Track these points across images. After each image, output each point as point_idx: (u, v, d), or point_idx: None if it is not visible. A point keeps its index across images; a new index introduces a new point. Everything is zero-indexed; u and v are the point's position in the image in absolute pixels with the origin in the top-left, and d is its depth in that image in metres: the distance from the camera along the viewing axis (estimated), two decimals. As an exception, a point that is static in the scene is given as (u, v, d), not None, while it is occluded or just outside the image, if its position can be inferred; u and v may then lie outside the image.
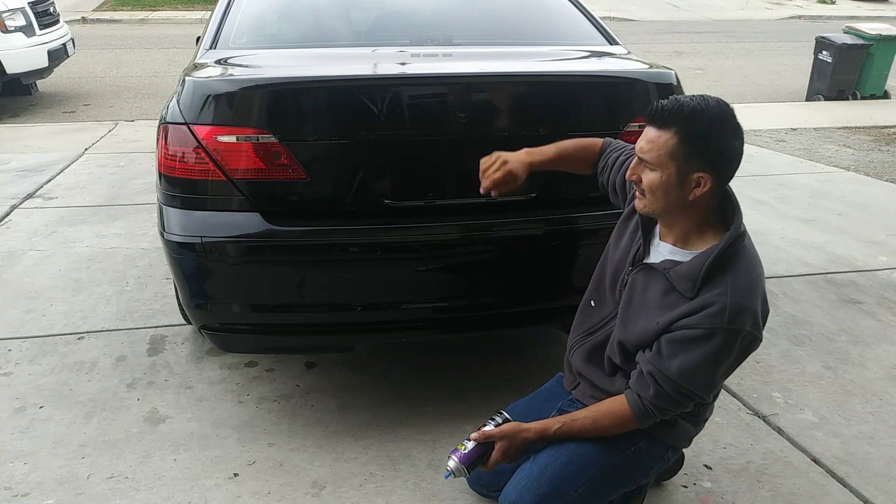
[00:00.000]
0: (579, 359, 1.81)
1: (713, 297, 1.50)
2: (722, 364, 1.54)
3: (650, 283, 1.62)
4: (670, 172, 1.52)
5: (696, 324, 1.51)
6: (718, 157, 1.51)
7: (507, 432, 1.64)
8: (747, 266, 1.55)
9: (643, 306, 1.62)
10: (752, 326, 1.51)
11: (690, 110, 1.48)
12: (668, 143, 1.50)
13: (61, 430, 2.28)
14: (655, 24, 15.86)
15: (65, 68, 8.37)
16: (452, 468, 1.66)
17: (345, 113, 2.06)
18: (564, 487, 1.62)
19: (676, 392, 1.55)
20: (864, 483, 2.10)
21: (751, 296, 1.52)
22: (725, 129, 1.50)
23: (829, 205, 4.65)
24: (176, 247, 2.07)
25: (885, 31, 8.11)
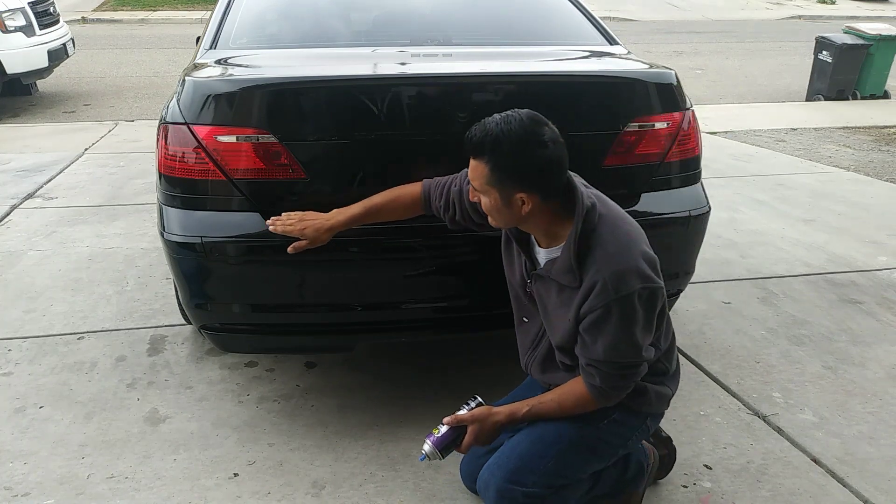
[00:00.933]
0: (537, 372, 1.87)
1: (592, 278, 1.57)
2: (634, 326, 1.58)
3: (547, 288, 1.70)
4: (495, 197, 1.60)
5: (592, 307, 1.57)
6: (531, 177, 1.57)
7: (478, 416, 1.71)
8: (610, 231, 1.60)
9: (554, 310, 1.70)
10: (641, 282, 1.56)
11: (493, 139, 1.54)
12: (484, 173, 1.58)
13: (61, 430, 2.28)
14: (655, 24, 15.86)
15: (65, 68, 8.37)
16: (427, 451, 1.72)
17: (345, 113, 2.06)
18: (533, 462, 1.67)
19: (615, 369, 1.62)
20: (864, 483, 2.10)
21: (624, 258, 1.57)
22: (530, 147, 1.55)
23: (829, 205, 4.65)
24: (176, 247, 2.07)
25: (885, 31, 8.11)
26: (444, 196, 1.91)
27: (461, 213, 1.89)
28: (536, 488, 1.65)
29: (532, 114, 1.58)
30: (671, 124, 2.24)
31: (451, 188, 1.90)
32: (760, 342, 2.90)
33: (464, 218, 1.90)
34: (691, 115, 2.32)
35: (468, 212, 1.88)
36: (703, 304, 3.21)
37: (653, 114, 2.22)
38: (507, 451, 1.71)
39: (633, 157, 2.22)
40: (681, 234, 2.33)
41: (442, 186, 1.92)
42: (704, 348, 2.84)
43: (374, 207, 1.94)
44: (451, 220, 1.93)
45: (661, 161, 2.26)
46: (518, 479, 1.65)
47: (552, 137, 1.57)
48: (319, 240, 1.93)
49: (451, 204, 1.90)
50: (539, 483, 1.66)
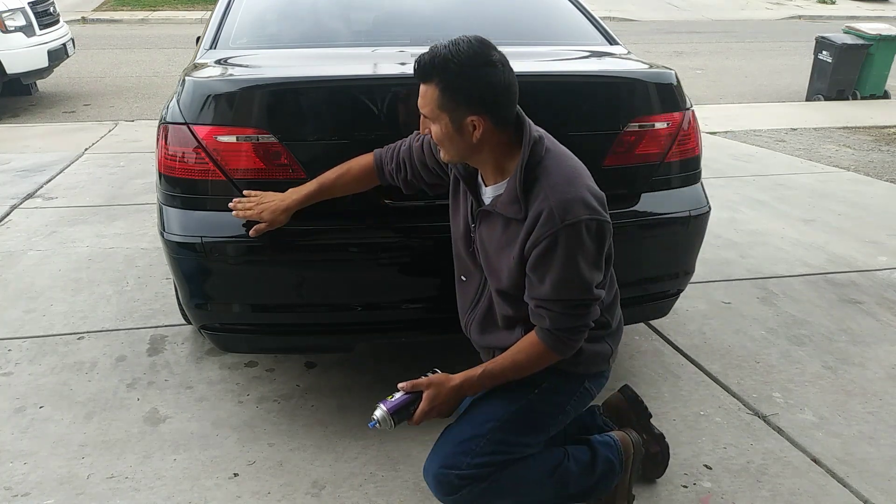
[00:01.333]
0: (476, 333, 1.84)
1: (538, 207, 1.54)
2: (583, 259, 1.55)
3: (491, 225, 1.66)
4: (446, 122, 1.57)
5: (539, 238, 1.54)
6: (482, 99, 1.54)
7: (434, 380, 1.66)
8: (556, 163, 1.59)
9: (497, 251, 1.66)
10: (588, 213, 1.53)
11: (441, 59, 1.52)
12: (434, 96, 1.55)
13: (61, 430, 2.28)
14: (655, 24, 15.86)
15: (65, 68, 8.37)
16: (378, 417, 1.63)
17: (345, 113, 2.06)
18: (466, 444, 1.64)
19: (567, 307, 1.58)
20: (864, 483, 2.10)
21: (571, 187, 1.55)
22: (480, 67, 1.52)
23: (829, 205, 4.65)
24: (176, 247, 2.07)
25: (885, 31, 8.11)
26: (394, 158, 1.90)
27: (412, 172, 1.88)
28: (471, 469, 1.61)
29: (480, 37, 1.56)
30: (671, 124, 2.24)
31: (400, 149, 1.91)
32: (760, 342, 2.90)
33: (416, 177, 1.89)
34: (691, 115, 2.32)
35: (418, 170, 1.87)
36: (703, 304, 3.21)
37: (653, 114, 2.22)
38: (442, 436, 1.70)
39: (633, 157, 2.22)
40: (681, 234, 2.33)
41: (392, 150, 1.92)
42: (704, 348, 2.84)
43: (327, 182, 1.94)
44: (405, 182, 1.92)
45: (661, 161, 2.26)
46: (452, 464, 1.62)
47: (501, 60, 1.55)
48: (277, 221, 1.94)
49: (402, 164, 1.89)
50: (473, 464, 1.62)
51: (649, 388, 2.55)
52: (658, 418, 2.37)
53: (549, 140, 1.64)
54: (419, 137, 1.88)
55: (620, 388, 2.13)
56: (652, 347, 2.84)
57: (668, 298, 2.45)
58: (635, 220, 2.24)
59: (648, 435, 2.05)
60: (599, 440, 1.89)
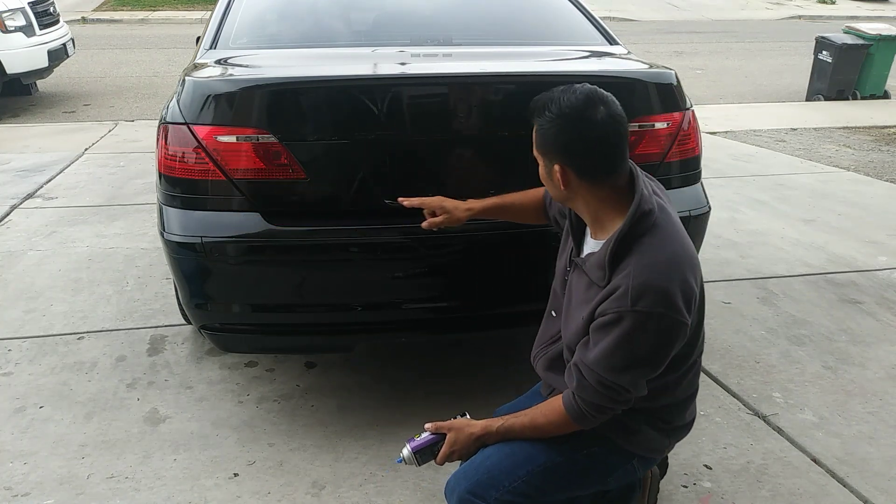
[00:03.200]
0: (541, 368, 1.80)
1: (619, 281, 1.47)
2: (636, 349, 1.47)
3: (579, 280, 1.62)
4: (542, 164, 1.58)
5: (606, 309, 1.47)
6: (567, 149, 1.52)
7: (455, 424, 1.65)
8: (657, 244, 1.49)
9: (576, 306, 1.62)
10: (663, 307, 1.43)
11: (543, 103, 1.52)
12: (534, 137, 1.56)
13: (61, 430, 2.28)
14: (655, 24, 15.86)
15: (65, 68, 8.37)
16: (404, 455, 1.67)
17: (345, 113, 2.06)
18: (500, 478, 1.60)
19: (598, 383, 1.51)
20: (864, 483, 2.10)
21: (659, 275, 1.45)
22: (575, 120, 1.49)
23: (829, 205, 4.65)
24: (176, 247, 2.07)
25: (885, 31, 8.11)
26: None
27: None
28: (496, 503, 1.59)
29: (594, 89, 1.52)
30: (671, 124, 2.24)
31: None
32: (760, 342, 2.90)
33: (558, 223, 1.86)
34: (691, 115, 2.32)
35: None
36: (703, 304, 3.21)
37: (653, 114, 2.22)
38: (477, 461, 1.65)
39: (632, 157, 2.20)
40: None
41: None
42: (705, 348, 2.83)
43: (508, 200, 1.92)
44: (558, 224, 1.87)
45: (661, 161, 2.26)
46: (481, 493, 1.59)
47: (604, 117, 1.49)
48: (457, 218, 1.91)
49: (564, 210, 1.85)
50: (500, 500, 1.59)
51: (649, 388, 2.55)
52: (658, 418, 2.38)
53: (664, 216, 1.53)
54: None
55: None
56: (652, 347, 2.84)
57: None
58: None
59: None
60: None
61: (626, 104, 2.22)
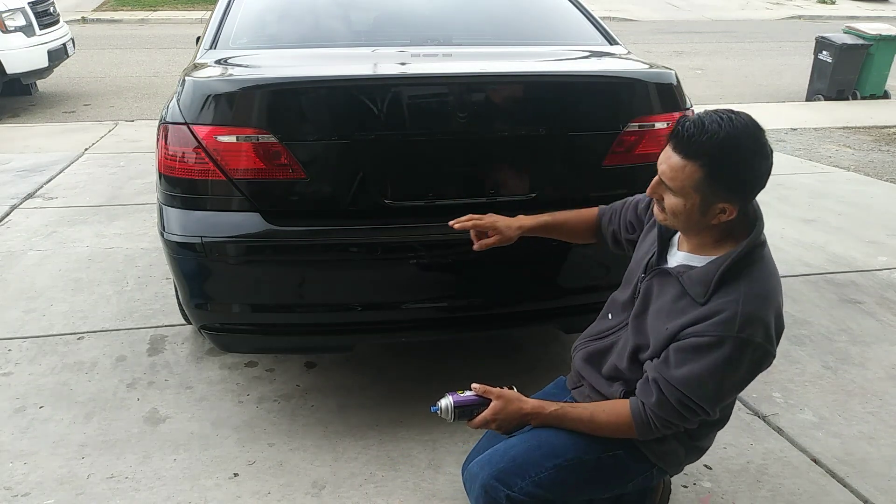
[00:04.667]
0: (579, 360, 1.78)
1: (724, 304, 1.44)
2: (729, 376, 1.47)
3: (664, 288, 1.58)
4: (694, 202, 1.45)
5: (705, 331, 1.45)
6: (745, 187, 1.45)
7: (506, 395, 1.60)
8: (764, 276, 1.49)
9: (656, 312, 1.58)
10: (763, 338, 1.44)
11: (719, 144, 1.39)
12: (694, 176, 1.42)
13: (61, 430, 2.28)
14: (655, 24, 15.85)
15: (65, 68, 8.36)
16: (442, 405, 1.60)
17: (345, 113, 2.06)
18: (527, 468, 1.58)
19: (679, 402, 1.49)
20: (864, 483, 2.10)
21: (764, 306, 1.46)
22: (756, 158, 1.41)
23: (829, 205, 4.65)
24: (176, 247, 2.07)
25: (885, 31, 8.10)
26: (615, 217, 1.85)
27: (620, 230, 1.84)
28: (522, 495, 1.57)
29: (753, 119, 1.42)
30: (671, 124, 2.24)
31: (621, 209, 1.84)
32: (760, 342, 2.90)
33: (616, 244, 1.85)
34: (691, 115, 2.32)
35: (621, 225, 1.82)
36: (703, 304, 3.21)
37: (653, 114, 2.23)
38: (501, 449, 1.64)
39: (633, 157, 2.22)
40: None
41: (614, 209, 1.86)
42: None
43: (560, 218, 1.87)
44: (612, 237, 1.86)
45: (662, 161, 2.26)
46: (506, 480, 1.57)
47: (771, 148, 1.42)
48: (509, 237, 1.83)
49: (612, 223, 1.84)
50: (525, 490, 1.57)
51: (649, 388, 2.55)
52: (658, 418, 2.38)
53: (767, 249, 1.54)
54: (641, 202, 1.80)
55: None
56: (652, 347, 2.84)
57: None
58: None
59: None
60: None
61: (626, 104, 2.25)
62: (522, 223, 1.85)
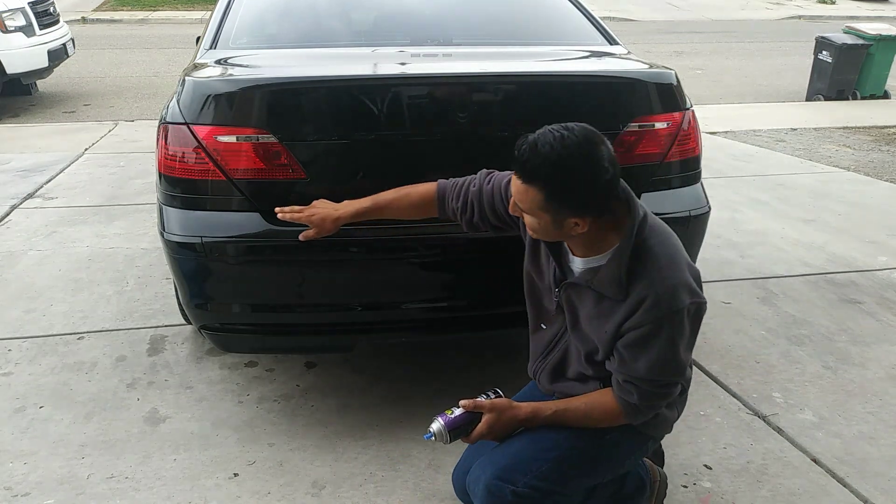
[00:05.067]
0: (546, 381, 1.79)
1: (643, 291, 1.49)
2: (682, 344, 1.54)
3: (581, 297, 1.61)
4: (546, 220, 1.49)
5: (641, 322, 1.50)
6: (589, 202, 1.46)
7: (498, 405, 1.61)
8: (661, 244, 1.53)
9: (587, 319, 1.61)
10: (690, 297, 1.50)
11: (552, 167, 1.41)
12: (536, 199, 1.46)
13: (61, 430, 2.28)
14: (655, 24, 15.86)
15: (65, 68, 8.37)
16: (434, 430, 1.61)
17: (345, 113, 2.07)
18: (527, 464, 1.60)
19: (658, 387, 1.57)
20: (864, 483, 2.10)
21: (677, 271, 1.51)
22: (592, 174, 1.42)
23: (829, 205, 4.65)
24: (176, 247, 2.07)
25: (885, 31, 8.11)
26: (460, 197, 1.81)
27: (479, 215, 1.80)
28: (526, 489, 1.58)
29: (588, 131, 1.44)
30: (671, 124, 2.24)
31: (468, 188, 1.81)
32: (760, 342, 2.90)
33: (482, 220, 1.81)
34: (691, 115, 2.32)
35: (487, 214, 1.79)
36: (703, 304, 3.21)
37: (653, 114, 2.23)
38: (500, 449, 1.65)
39: (633, 157, 2.22)
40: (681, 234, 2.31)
41: (459, 187, 1.83)
42: (704, 348, 2.84)
43: (382, 202, 1.86)
44: (468, 222, 1.83)
45: (661, 161, 2.26)
46: (509, 478, 1.59)
47: (610, 157, 1.44)
48: (326, 229, 1.86)
49: (468, 205, 1.80)
50: (529, 485, 1.59)
51: (649, 388, 2.55)
52: (658, 418, 2.38)
53: (650, 215, 1.57)
54: (489, 178, 1.79)
55: None
56: (652, 347, 2.84)
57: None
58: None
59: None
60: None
61: (627, 104, 2.25)
62: (340, 215, 1.86)
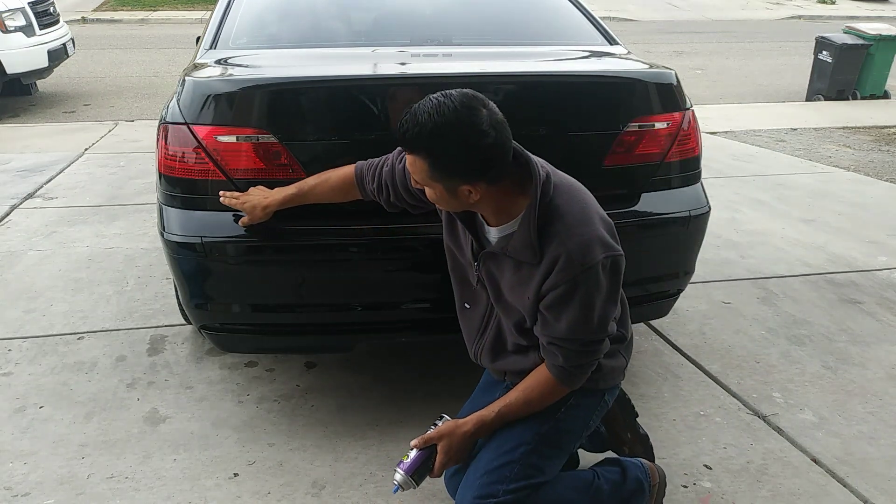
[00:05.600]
0: (488, 361, 1.80)
1: (556, 251, 1.50)
2: (600, 299, 1.54)
3: (500, 266, 1.62)
4: (440, 189, 1.51)
5: (557, 282, 1.51)
6: (475, 169, 1.46)
7: (444, 431, 1.64)
8: (567, 201, 1.54)
9: (509, 289, 1.62)
10: (603, 251, 1.50)
11: (429, 137, 1.41)
12: (424, 168, 1.48)
13: (61, 430, 2.28)
14: (655, 24, 15.86)
15: (65, 68, 8.37)
16: (399, 481, 1.62)
17: (345, 113, 2.06)
18: (500, 472, 1.60)
19: (582, 346, 1.57)
20: (864, 483, 2.10)
21: (587, 226, 1.52)
22: (472, 141, 1.41)
23: (829, 205, 4.65)
24: (176, 247, 2.07)
25: (885, 31, 8.11)
26: (375, 178, 1.85)
27: (394, 195, 1.84)
28: (508, 495, 1.59)
29: (466, 97, 1.42)
30: (671, 124, 2.24)
31: (382, 169, 1.84)
32: (760, 342, 2.90)
33: (398, 200, 1.85)
34: (691, 114, 2.32)
35: (401, 194, 1.83)
36: (703, 304, 3.21)
37: (653, 114, 2.22)
38: (471, 469, 1.65)
39: (633, 157, 2.22)
40: (681, 233, 2.33)
41: (374, 169, 1.86)
42: (704, 348, 2.84)
43: (304, 188, 1.93)
44: (387, 202, 1.88)
45: (661, 161, 2.26)
46: (488, 493, 1.59)
47: (491, 121, 1.42)
48: (256, 217, 1.95)
49: (384, 186, 1.85)
50: (509, 490, 1.59)
51: (649, 387, 2.55)
52: (658, 418, 2.38)
53: (555, 174, 1.58)
54: (402, 157, 1.80)
55: None
56: (652, 347, 2.84)
57: (668, 298, 2.45)
58: (635, 220, 2.24)
59: (633, 434, 2.05)
60: (630, 461, 1.88)
61: (626, 104, 2.25)
62: (269, 203, 1.93)
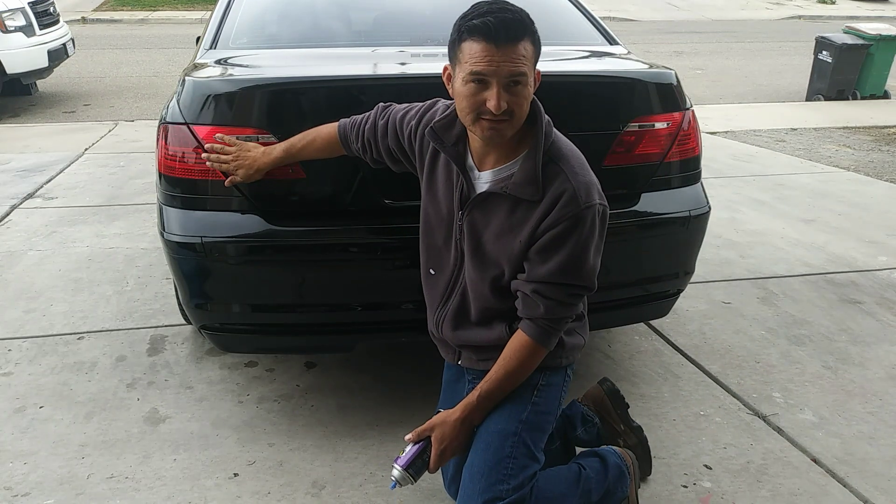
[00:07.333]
0: (448, 330, 1.79)
1: (560, 187, 1.53)
2: (593, 244, 1.57)
3: (491, 211, 1.62)
4: (534, 78, 1.56)
5: (558, 219, 1.53)
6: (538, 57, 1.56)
7: (435, 421, 1.65)
8: (569, 148, 1.60)
9: (496, 237, 1.62)
10: (599, 198, 1.56)
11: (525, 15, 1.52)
12: (531, 51, 1.52)
13: (61, 430, 2.28)
14: (655, 24, 15.86)
15: (65, 68, 8.37)
16: (396, 476, 1.62)
17: (344, 113, 2.06)
18: (498, 471, 1.61)
19: (567, 294, 1.58)
20: (864, 483, 2.10)
21: (587, 171, 1.58)
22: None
23: (829, 205, 4.65)
24: (176, 247, 2.07)
25: (885, 31, 8.11)
26: (359, 138, 1.87)
27: (376, 152, 1.87)
28: (514, 493, 1.59)
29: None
30: (671, 124, 2.24)
31: (364, 127, 1.87)
32: (760, 342, 2.91)
33: (381, 158, 1.88)
34: (691, 114, 2.32)
35: (382, 152, 1.85)
36: (703, 304, 3.21)
37: (653, 114, 2.22)
38: (466, 477, 1.65)
39: (633, 157, 2.22)
40: (681, 233, 2.33)
41: (357, 127, 1.88)
42: (704, 348, 2.84)
43: (293, 148, 1.94)
44: (372, 160, 1.90)
45: (661, 161, 2.26)
46: (494, 496, 1.58)
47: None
48: (250, 178, 1.97)
49: (367, 145, 1.87)
50: (515, 486, 1.59)
51: (649, 387, 2.55)
52: (658, 418, 2.38)
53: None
54: (385, 113, 1.85)
55: (600, 380, 2.13)
56: (652, 347, 2.84)
57: (668, 298, 2.45)
58: (635, 219, 2.24)
59: (626, 426, 2.06)
60: (604, 450, 1.90)
61: (626, 104, 2.25)
62: (261, 165, 1.95)
